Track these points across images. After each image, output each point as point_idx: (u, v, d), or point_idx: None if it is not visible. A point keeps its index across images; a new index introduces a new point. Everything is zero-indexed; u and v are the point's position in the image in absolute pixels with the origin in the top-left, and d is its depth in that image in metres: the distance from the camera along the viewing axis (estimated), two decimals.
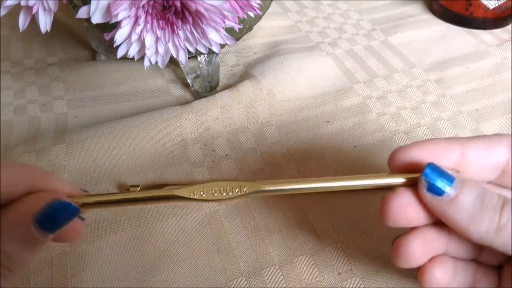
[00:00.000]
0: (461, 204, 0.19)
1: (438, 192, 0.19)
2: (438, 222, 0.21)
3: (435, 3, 0.49)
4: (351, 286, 0.26)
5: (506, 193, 0.20)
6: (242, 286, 0.26)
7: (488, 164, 0.21)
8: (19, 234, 0.18)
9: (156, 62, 0.32)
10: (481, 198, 0.19)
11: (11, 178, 0.19)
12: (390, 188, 0.21)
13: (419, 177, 0.20)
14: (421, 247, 0.21)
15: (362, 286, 0.26)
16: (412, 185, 0.20)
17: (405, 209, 0.20)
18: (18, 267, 0.18)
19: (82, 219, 0.21)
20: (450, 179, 0.19)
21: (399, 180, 0.21)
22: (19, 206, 0.19)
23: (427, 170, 0.19)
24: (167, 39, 0.31)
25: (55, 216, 0.18)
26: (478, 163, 0.21)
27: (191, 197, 0.21)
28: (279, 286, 0.26)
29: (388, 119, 0.37)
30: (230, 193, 0.22)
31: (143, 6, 0.29)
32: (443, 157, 0.20)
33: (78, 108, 0.38)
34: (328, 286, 0.26)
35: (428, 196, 0.19)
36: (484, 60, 0.43)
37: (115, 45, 0.30)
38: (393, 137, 0.35)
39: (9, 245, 0.18)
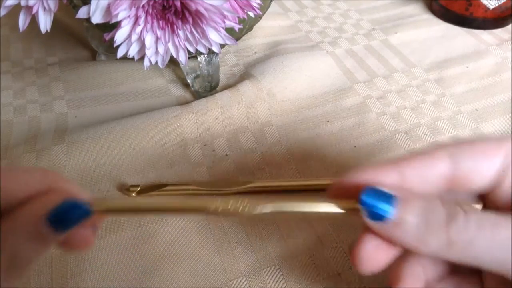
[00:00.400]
0: (406, 227, 0.18)
1: (380, 218, 0.18)
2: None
3: (435, 3, 0.49)
4: (351, 286, 0.26)
5: (450, 204, 0.18)
6: (242, 286, 0.26)
7: (431, 179, 0.19)
8: (28, 231, 0.18)
9: (156, 62, 0.32)
10: (426, 217, 0.18)
11: (29, 179, 0.19)
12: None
13: (359, 207, 0.18)
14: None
15: (362, 286, 0.26)
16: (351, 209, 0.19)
17: (375, 254, 0.19)
18: (24, 265, 0.18)
19: (95, 229, 0.20)
20: (389, 200, 0.18)
21: (337, 210, 0.19)
22: (31, 204, 0.18)
23: (364, 197, 0.18)
24: (167, 39, 0.31)
25: (67, 215, 0.18)
26: (419, 181, 0.19)
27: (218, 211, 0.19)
28: (279, 286, 0.26)
29: (388, 119, 0.37)
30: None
31: (143, 6, 0.29)
32: (381, 183, 0.19)
33: (78, 108, 0.38)
34: (328, 286, 0.26)
35: (371, 223, 0.18)
36: (484, 60, 0.43)
37: (115, 45, 0.30)
38: (393, 137, 0.35)
39: (17, 240, 0.18)
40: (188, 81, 0.39)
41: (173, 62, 0.38)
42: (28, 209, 0.18)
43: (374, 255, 0.19)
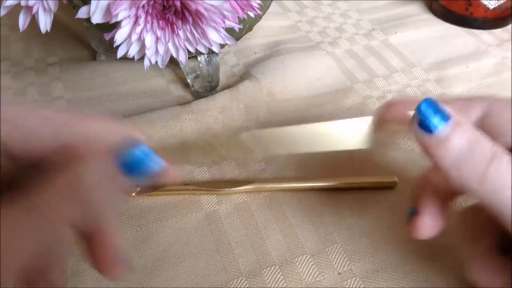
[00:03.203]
0: (450, 146, 0.18)
1: (430, 129, 0.18)
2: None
3: (435, 3, 0.49)
4: (351, 286, 0.26)
5: (499, 147, 0.19)
6: (242, 286, 0.26)
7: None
8: (101, 166, 0.17)
9: (156, 62, 0.32)
10: (472, 144, 0.18)
11: (109, 126, 0.19)
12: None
13: (414, 113, 0.19)
14: (432, 221, 0.21)
15: (362, 286, 0.26)
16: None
17: (432, 226, 0.21)
18: (94, 202, 0.17)
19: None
20: (445, 117, 0.18)
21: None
22: (106, 145, 0.18)
23: (422, 106, 0.18)
24: (167, 39, 0.31)
25: (139, 159, 0.18)
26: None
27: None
28: (279, 286, 0.26)
29: None
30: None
31: (143, 6, 0.29)
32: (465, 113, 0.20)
33: (78, 108, 0.38)
34: (328, 286, 0.26)
35: (418, 132, 0.19)
36: (484, 60, 0.43)
37: (115, 45, 0.30)
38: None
39: (89, 174, 0.17)
40: (188, 81, 0.39)
41: (173, 62, 0.38)
42: (101, 150, 0.18)
43: (430, 228, 0.21)
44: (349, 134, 0.22)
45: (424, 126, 0.18)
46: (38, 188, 0.16)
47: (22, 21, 0.30)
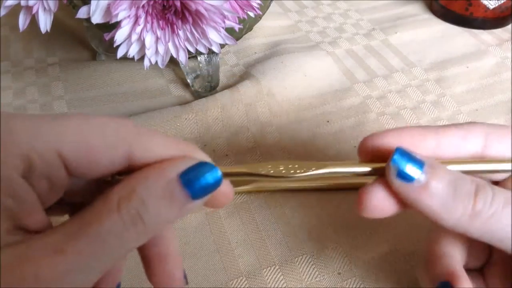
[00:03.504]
0: (433, 191, 0.18)
1: (408, 179, 0.18)
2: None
3: (435, 3, 0.49)
4: (351, 286, 0.26)
5: (478, 180, 0.19)
6: (242, 286, 0.26)
7: (463, 152, 0.20)
8: (160, 188, 0.17)
9: (156, 62, 0.32)
10: (454, 184, 0.18)
11: (166, 143, 0.18)
12: (363, 175, 0.20)
13: (387, 164, 0.18)
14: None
15: (362, 286, 0.26)
16: (380, 174, 0.19)
17: (380, 203, 0.19)
18: (153, 223, 0.17)
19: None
20: (420, 164, 0.18)
21: (365, 169, 0.20)
22: (167, 163, 0.17)
23: (396, 156, 0.18)
24: (167, 39, 0.31)
25: (200, 178, 0.17)
26: (453, 151, 0.20)
27: (270, 174, 0.20)
28: (279, 286, 0.26)
29: (388, 118, 0.37)
30: (302, 171, 0.20)
31: (143, 6, 0.29)
32: (417, 145, 0.19)
33: (78, 108, 0.38)
34: (328, 286, 0.26)
35: (397, 183, 0.18)
36: (484, 60, 0.43)
37: (115, 45, 0.30)
38: None
39: (148, 195, 0.16)
40: (188, 81, 0.39)
41: (173, 62, 0.38)
42: (163, 168, 0.17)
43: (378, 205, 0.19)
44: None
45: (402, 176, 0.18)
46: (98, 213, 0.16)
47: (22, 21, 0.30)
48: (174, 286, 0.20)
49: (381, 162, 0.19)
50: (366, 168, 0.20)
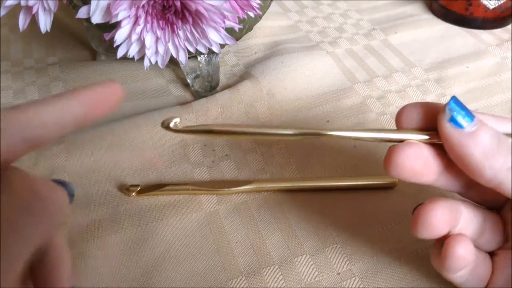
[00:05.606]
0: (480, 139, 0.19)
1: (459, 125, 0.19)
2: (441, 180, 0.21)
3: (435, 3, 0.49)
4: (350, 286, 0.26)
5: None
6: (242, 286, 0.26)
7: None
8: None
9: (156, 62, 0.32)
10: (498, 138, 0.20)
11: None
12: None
13: (442, 108, 0.20)
14: (445, 216, 0.20)
15: (361, 286, 0.26)
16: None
17: (413, 160, 0.20)
18: None
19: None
20: (471, 115, 0.20)
21: (422, 136, 0.21)
22: None
23: (452, 102, 0.20)
24: (167, 39, 0.31)
25: None
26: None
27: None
28: (279, 286, 0.26)
29: (388, 119, 0.37)
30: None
31: (143, 6, 0.29)
32: None
33: None
34: (328, 286, 0.26)
35: (449, 126, 0.20)
36: (484, 60, 0.43)
37: (115, 45, 0.30)
38: None
39: None
40: (188, 81, 0.39)
41: (173, 62, 0.38)
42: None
43: (410, 162, 0.20)
44: None
45: (454, 121, 0.20)
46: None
47: (22, 21, 0.30)
48: None
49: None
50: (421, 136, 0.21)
